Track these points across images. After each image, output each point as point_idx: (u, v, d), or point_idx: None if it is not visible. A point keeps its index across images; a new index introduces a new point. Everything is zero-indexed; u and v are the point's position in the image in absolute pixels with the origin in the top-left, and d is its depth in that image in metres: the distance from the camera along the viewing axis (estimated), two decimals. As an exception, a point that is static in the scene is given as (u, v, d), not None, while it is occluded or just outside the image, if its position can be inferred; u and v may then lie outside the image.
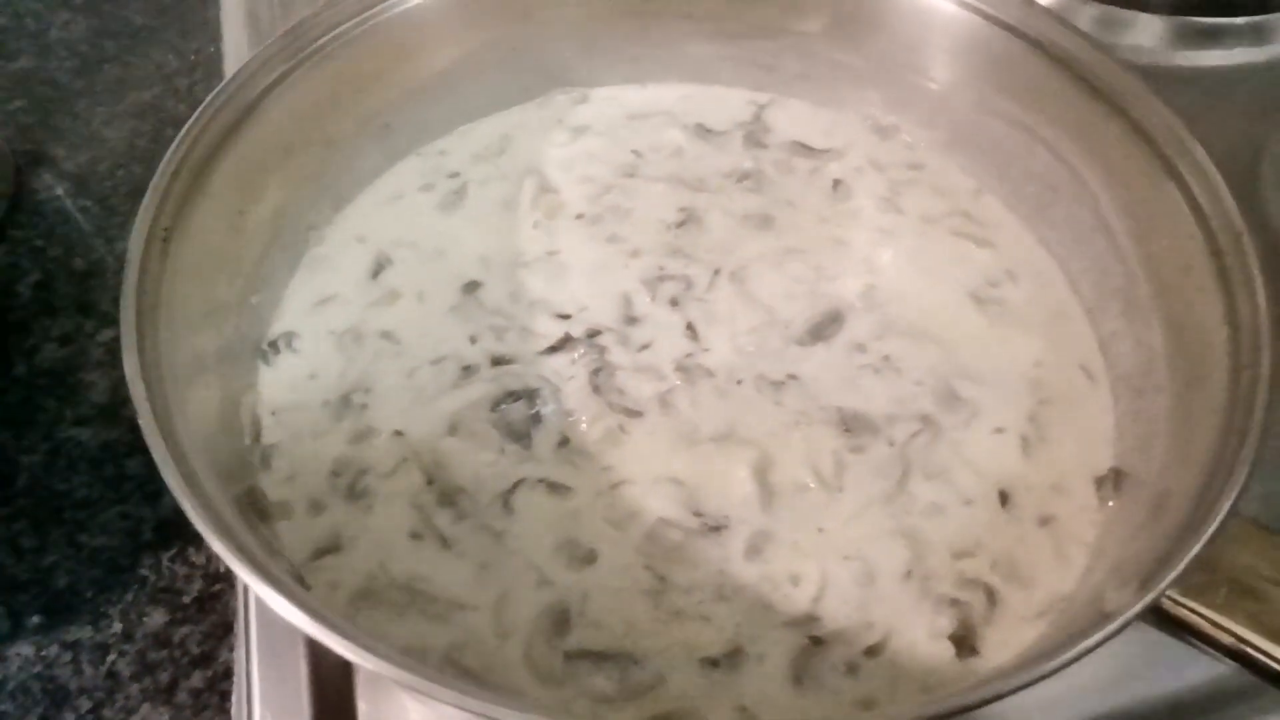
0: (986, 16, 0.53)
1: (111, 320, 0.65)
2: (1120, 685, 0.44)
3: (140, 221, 0.42)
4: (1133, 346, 0.48)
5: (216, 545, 0.33)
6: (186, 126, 0.46)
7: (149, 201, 0.43)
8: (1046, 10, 0.51)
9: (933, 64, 0.58)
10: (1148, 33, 0.73)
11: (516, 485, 0.46)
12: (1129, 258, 0.49)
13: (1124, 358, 0.49)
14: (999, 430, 0.49)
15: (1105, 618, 0.31)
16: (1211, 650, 0.32)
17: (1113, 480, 0.46)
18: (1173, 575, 0.31)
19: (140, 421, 0.36)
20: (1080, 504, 0.46)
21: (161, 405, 0.37)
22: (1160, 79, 0.47)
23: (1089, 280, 0.53)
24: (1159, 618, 0.32)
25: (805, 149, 0.62)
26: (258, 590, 0.32)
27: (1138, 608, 0.30)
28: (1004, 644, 0.41)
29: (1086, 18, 0.73)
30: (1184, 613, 0.32)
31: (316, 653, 0.47)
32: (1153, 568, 0.32)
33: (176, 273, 0.44)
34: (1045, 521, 0.46)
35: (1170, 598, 0.32)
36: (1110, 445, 0.48)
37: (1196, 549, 0.31)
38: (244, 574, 0.32)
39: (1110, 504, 0.45)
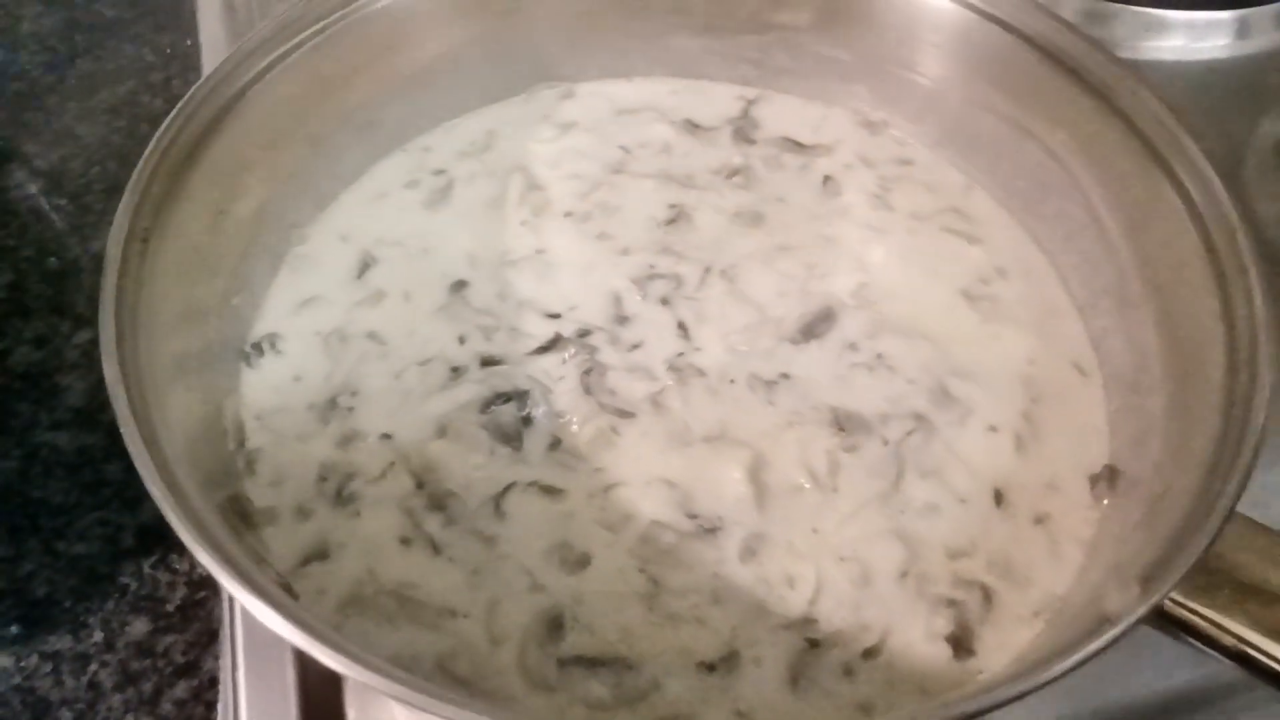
0: (976, 10, 0.52)
1: (87, 322, 0.63)
2: (1110, 681, 0.44)
3: (119, 221, 0.41)
4: (1125, 344, 0.48)
5: (201, 555, 0.32)
6: (165, 123, 0.45)
7: (127, 200, 0.42)
8: (1037, 4, 0.50)
9: (922, 59, 0.57)
10: (1130, 26, 0.74)
11: (507, 488, 0.46)
12: (1120, 254, 0.49)
13: (1116, 355, 0.49)
14: (992, 428, 0.48)
15: (1108, 621, 0.30)
16: (1213, 651, 0.32)
17: (1107, 478, 0.46)
18: (1175, 578, 0.31)
19: (122, 429, 0.34)
20: (1075, 502, 0.46)
21: (142, 411, 0.36)
22: (1142, 72, 0.47)
23: (1080, 277, 0.52)
24: (1160, 619, 0.32)
25: (794, 145, 0.61)
26: (244, 601, 0.31)
27: (1141, 610, 0.30)
28: (1001, 645, 0.41)
29: (1069, 10, 0.73)
30: (1185, 614, 0.32)
31: (304, 661, 0.46)
32: (1154, 569, 0.32)
33: (156, 274, 0.43)
34: (1040, 520, 0.45)
35: (1171, 599, 0.32)
36: (1104, 443, 0.48)
37: (1200, 550, 0.31)
38: (230, 585, 0.31)
39: (1105, 502, 0.45)
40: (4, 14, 0.82)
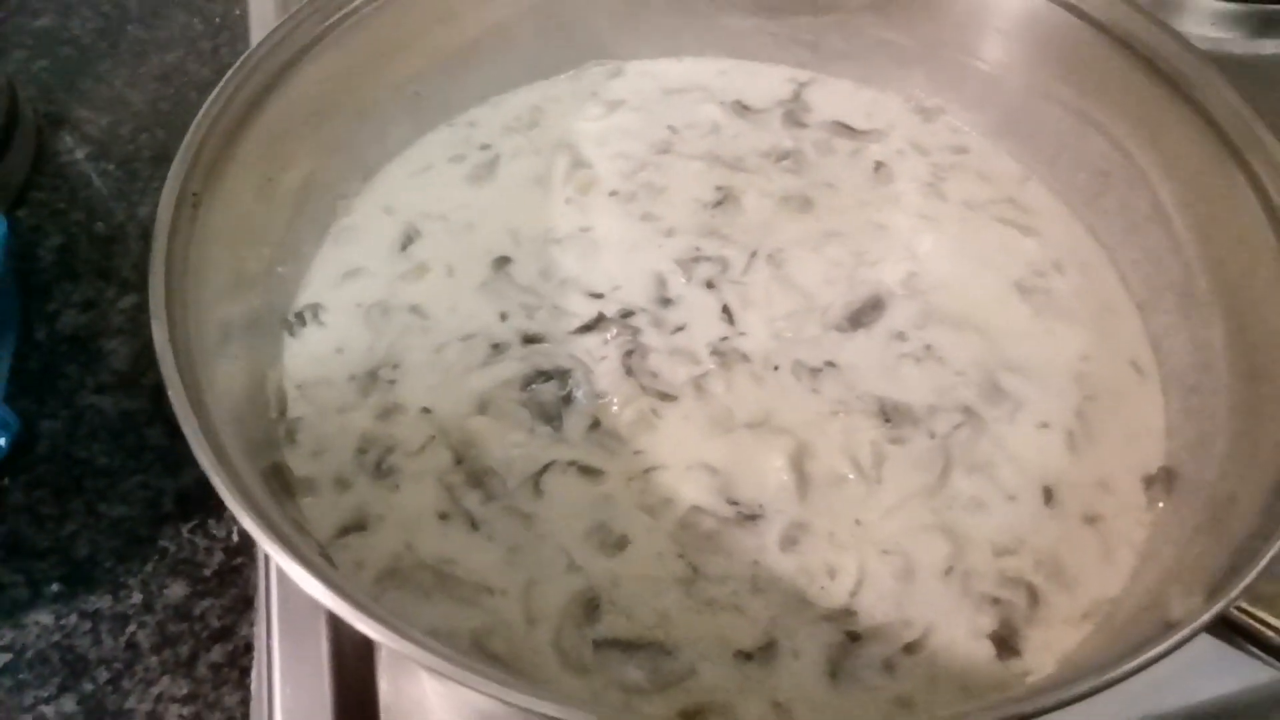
0: (1046, -6, 0.51)
1: (133, 286, 0.64)
2: (1165, 688, 0.43)
3: (170, 184, 0.41)
4: (1187, 343, 0.47)
5: (244, 519, 0.32)
6: (218, 88, 0.45)
7: (179, 164, 0.42)
8: (1111, -11, 0.49)
9: (984, 44, 0.56)
10: (1203, 18, 0.71)
11: (547, 467, 0.45)
12: (1186, 250, 0.47)
13: (1177, 354, 0.47)
14: (1044, 425, 0.47)
15: (1171, 626, 0.29)
16: (1275, 661, 0.31)
17: (1163, 480, 0.44)
18: (1243, 584, 0.30)
19: (169, 393, 0.34)
20: (1128, 503, 0.45)
21: (189, 376, 0.36)
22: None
23: (1141, 273, 0.51)
24: (1222, 626, 0.31)
25: (846, 129, 0.60)
26: (285, 567, 0.31)
27: (1206, 617, 0.29)
28: (1047, 646, 0.40)
29: (1140, 2, 0.70)
30: (1250, 622, 0.31)
31: (338, 630, 0.46)
32: (1221, 576, 0.31)
33: (205, 239, 0.43)
34: (1091, 520, 0.44)
35: (1237, 607, 0.31)
36: (1160, 444, 0.46)
37: (1267, 559, 0.30)
38: (272, 549, 0.31)
39: (1160, 505, 0.44)
40: (58, -21, 0.83)
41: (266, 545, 0.31)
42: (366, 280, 0.52)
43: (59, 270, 0.64)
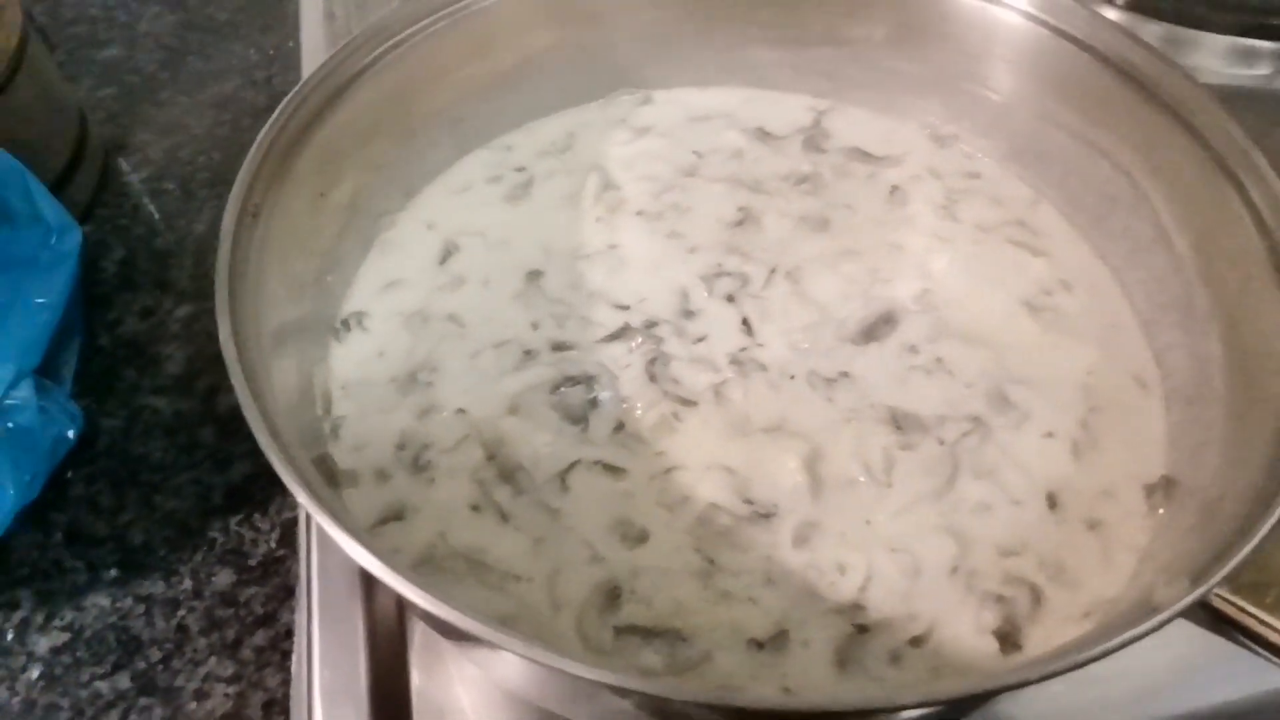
0: (1051, 28, 0.53)
1: (188, 297, 0.68)
2: (1169, 693, 0.44)
3: (234, 198, 0.45)
4: (1188, 357, 0.48)
5: (299, 494, 0.34)
6: (277, 111, 0.49)
7: (242, 179, 0.45)
8: (1113, 23, 0.51)
9: (994, 74, 0.58)
10: (1211, 53, 0.73)
11: (573, 465, 0.48)
12: (1188, 269, 0.49)
13: (1179, 369, 0.49)
14: (1049, 434, 0.49)
15: (1153, 610, 0.31)
16: (1260, 649, 0.32)
17: (1163, 488, 0.46)
18: (1224, 571, 0.31)
19: (232, 380, 0.38)
20: (1129, 510, 0.46)
21: (249, 370, 0.40)
22: (1222, 100, 0.47)
23: (1145, 291, 0.53)
24: (1209, 615, 0.33)
25: (864, 155, 0.63)
26: (338, 539, 0.34)
27: (1186, 601, 0.31)
28: (1048, 641, 0.42)
29: (1149, 36, 0.73)
30: (1233, 611, 0.32)
31: (373, 618, 0.49)
32: (1204, 566, 0.33)
33: (263, 249, 0.46)
34: (1093, 525, 0.46)
35: (1221, 596, 0.32)
36: (1162, 454, 0.48)
37: (1249, 546, 0.32)
38: (324, 521, 0.34)
39: (1160, 511, 0.45)
40: (125, 13, 0.89)
41: (319, 516, 0.34)
42: (408, 290, 0.56)
43: (120, 281, 0.68)
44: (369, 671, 0.47)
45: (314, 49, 0.77)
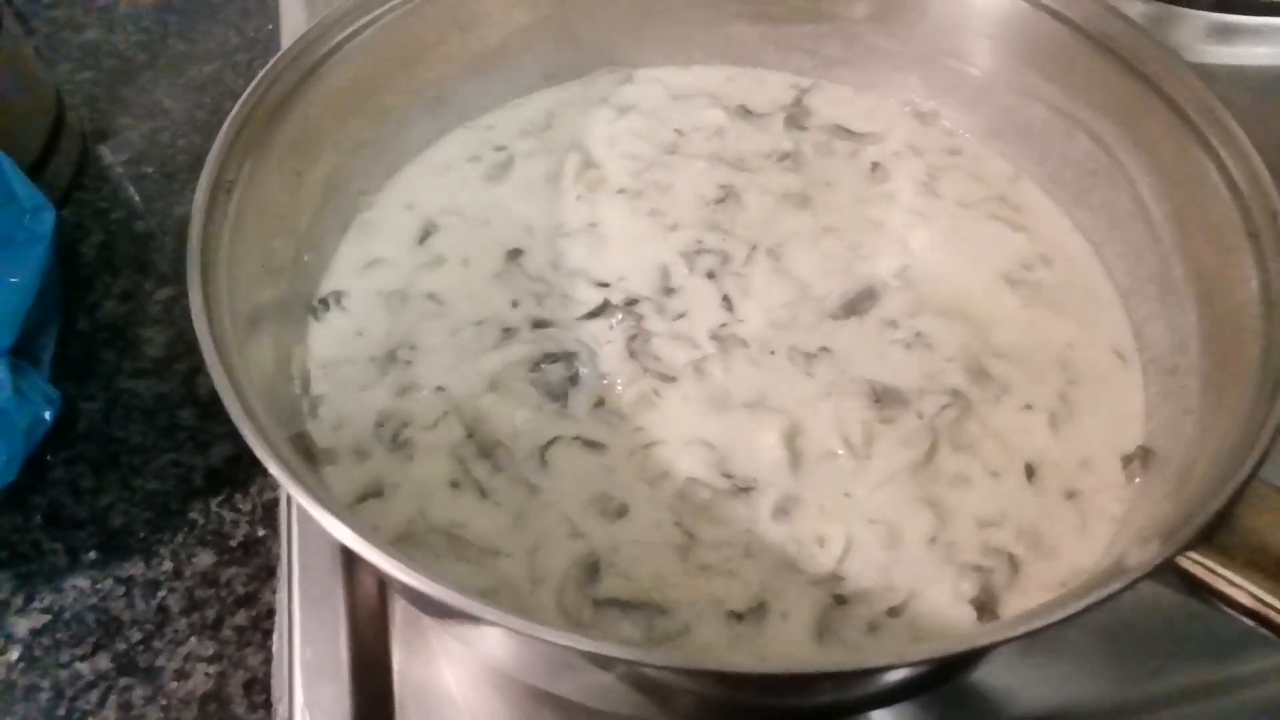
0: (1029, 1, 0.53)
1: (168, 280, 0.67)
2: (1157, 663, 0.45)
3: (207, 172, 0.44)
4: (1166, 329, 0.49)
5: (275, 470, 0.34)
6: (251, 86, 0.48)
7: (215, 153, 0.45)
8: (1088, -6, 0.51)
9: (975, 50, 0.58)
10: (1194, 29, 0.73)
11: (553, 441, 0.48)
12: (1164, 241, 0.49)
13: (1157, 341, 0.49)
14: (1028, 407, 0.49)
15: (1123, 571, 0.31)
16: (1230, 609, 0.33)
17: (1140, 458, 0.46)
18: (1191, 531, 0.32)
19: (204, 354, 0.37)
20: (1107, 480, 0.46)
21: (224, 348, 0.39)
22: (1206, 76, 0.47)
23: (1124, 265, 0.53)
24: (1180, 578, 0.33)
25: (845, 132, 0.63)
26: (318, 516, 0.34)
27: (1156, 560, 0.31)
28: (1025, 609, 0.42)
29: (1132, 13, 0.72)
30: (1203, 572, 0.32)
31: (354, 597, 0.49)
32: (1173, 529, 0.33)
33: (238, 228, 0.46)
34: (1071, 496, 0.46)
35: (1191, 558, 0.32)
36: (1139, 424, 0.48)
37: (1216, 507, 0.32)
38: (304, 500, 0.34)
39: (1137, 481, 0.46)
40: (103, -3, 0.88)
41: (294, 491, 0.34)
42: (387, 270, 0.55)
43: (100, 265, 0.68)
44: (350, 650, 0.47)
45: (294, 32, 0.75)
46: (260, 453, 0.35)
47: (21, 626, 0.50)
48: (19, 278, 0.51)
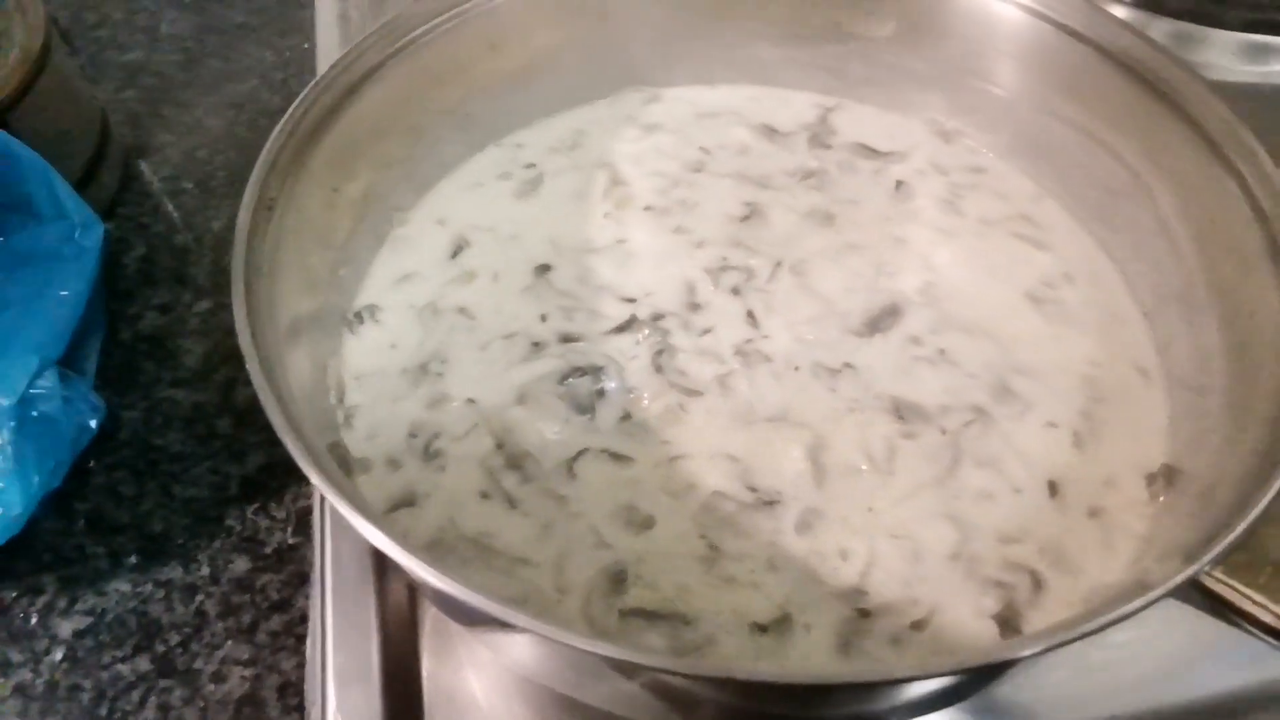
0: (1052, 22, 0.54)
1: (206, 293, 0.69)
2: (1173, 680, 0.45)
3: (250, 190, 0.46)
4: (1189, 348, 0.49)
5: (316, 478, 0.36)
6: (293, 106, 0.50)
7: (258, 172, 0.47)
8: (1114, 17, 0.52)
9: (998, 69, 0.59)
10: (1222, 49, 0.74)
11: (580, 454, 0.49)
12: (1188, 260, 0.49)
13: (1180, 359, 0.50)
14: (1051, 424, 0.50)
15: (1145, 588, 0.32)
16: (1252, 628, 0.33)
17: (1164, 476, 0.46)
18: (1215, 551, 0.32)
19: (248, 367, 0.39)
20: (1131, 498, 0.47)
21: (265, 356, 0.41)
22: (1233, 95, 0.47)
23: (1148, 283, 0.53)
24: (1204, 597, 0.33)
25: (869, 151, 0.64)
26: (353, 521, 0.35)
27: (1178, 579, 0.31)
28: (1048, 625, 0.42)
29: (1159, 33, 0.73)
30: (1227, 591, 0.33)
31: (384, 604, 0.50)
32: (1196, 546, 0.33)
33: (278, 241, 0.47)
34: (1094, 513, 0.46)
35: (1214, 576, 0.33)
36: (1163, 443, 0.48)
37: (1241, 527, 0.32)
38: (340, 505, 0.35)
39: (1161, 499, 0.46)
40: (146, 17, 0.91)
41: (333, 498, 0.35)
42: (419, 284, 0.57)
43: (141, 277, 0.70)
44: (381, 656, 0.48)
45: (329, 51, 0.78)
46: (302, 463, 0.36)
47: (65, 628, 0.52)
48: (69, 290, 0.53)
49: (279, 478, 0.58)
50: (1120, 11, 0.71)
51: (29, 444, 0.48)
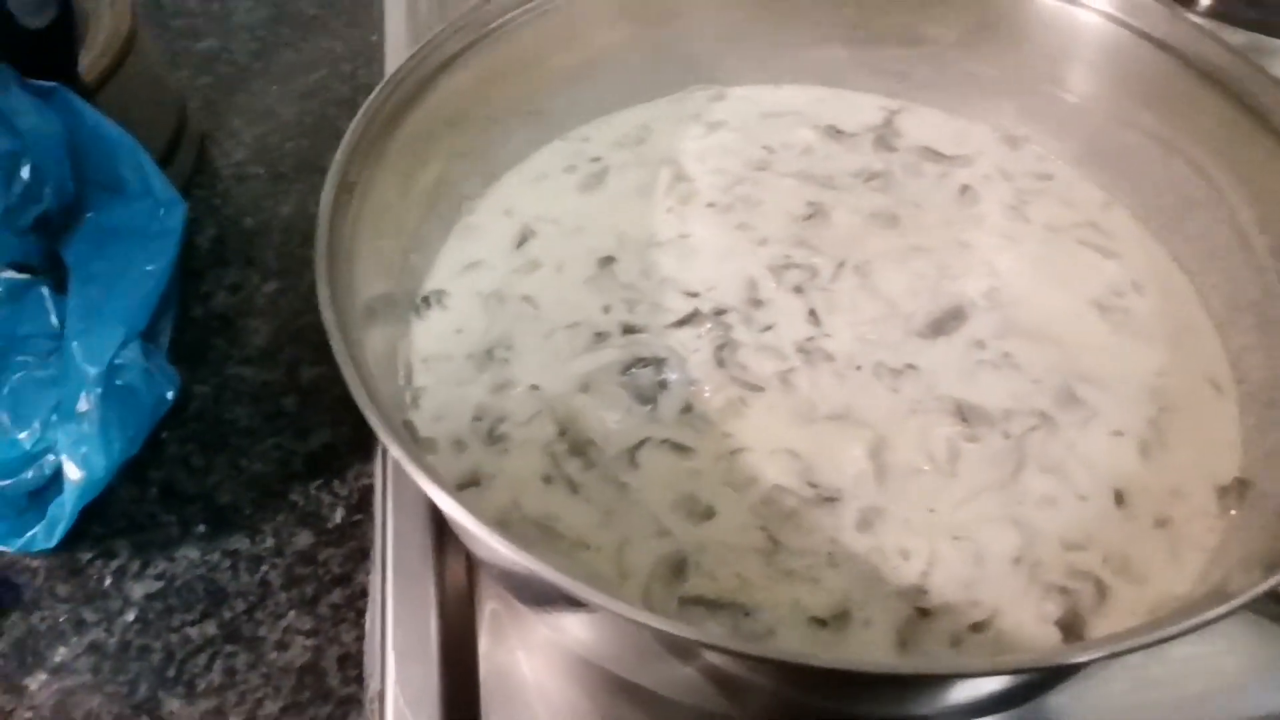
0: (1131, 29, 0.54)
1: (274, 274, 0.71)
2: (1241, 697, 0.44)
3: (333, 174, 0.47)
4: (1264, 360, 0.48)
5: (396, 450, 0.36)
6: (374, 94, 0.51)
7: (340, 157, 0.48)
8: (1194, 23, 0.51)
9: (1071, 75, 0.59)
10: (1295, 61, 0.72)
11: (642, 443, 0.49)
12: (1268, 273, 0.49)
13: (1255, 371, 0.49)
14: (1117, 433, 0.49)
15: (1225, 598, 0.31)
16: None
17: (1237, 490, 0.46)
18: (1298, 560, 0.32)
19: (331, 342, 0.40)
20: (1200, 510, 0.46)
21: (348, 334, 0.42)
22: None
23: (1221, 294, 0.53)
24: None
25: (934, 154, 0.63)
26: (432, 494, 0.36)
27: (1261, 588, 0.31)
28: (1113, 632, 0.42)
29: (1233, 44, 0.72)
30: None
31: (443, 581, 0.51)
32: (1277, 558, 0.33)
33: (356, 225, 0.49)
34: (1162, 523, 0.46)
35: (1295, 588, 0.32)
36: (1236, 456, 0.48)
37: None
38: (418, 476, 0.36)
39: (1233, 512, 0.45)
40: (220, 8, 0.93)
41: (411, 469, 0.36)
42: (485, 272, 0.58)
43: (212, 258, 0.72)
44: (439, 633, 0.49)
45: (397, 43, 0.80)
46: (384, 437, 0.37)
47: (137, 591, 0.54)
48: (153, 266, 0.55)
49: (341, 456, 0.60)
50: (1193, 21, 0.70)
51: (113, 411, 0.50)
